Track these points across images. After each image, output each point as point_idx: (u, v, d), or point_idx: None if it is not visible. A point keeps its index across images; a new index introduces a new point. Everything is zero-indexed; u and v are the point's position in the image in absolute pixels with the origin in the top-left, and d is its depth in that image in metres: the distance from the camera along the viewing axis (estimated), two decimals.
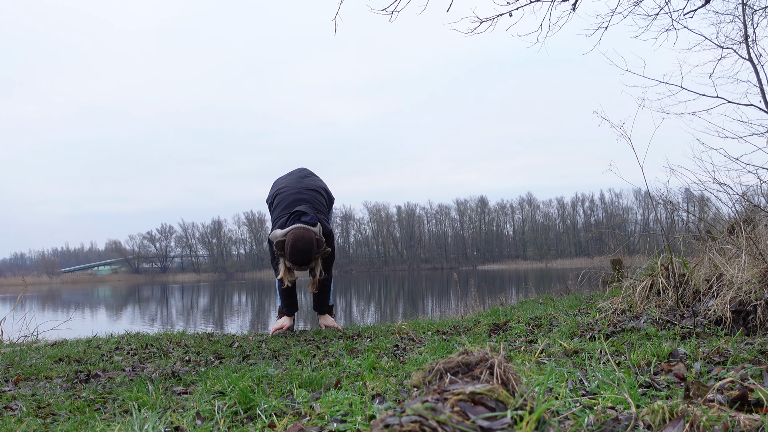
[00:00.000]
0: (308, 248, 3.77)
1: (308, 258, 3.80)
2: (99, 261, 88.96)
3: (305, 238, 3.76)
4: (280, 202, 4.15)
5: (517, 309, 5.07)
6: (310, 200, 4.10)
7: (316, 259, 3.89)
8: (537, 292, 10.44)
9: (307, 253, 3.78)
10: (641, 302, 3.26)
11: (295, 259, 3.79)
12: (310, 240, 3.77)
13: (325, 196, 4.33)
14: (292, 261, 3.80)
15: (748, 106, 6.14)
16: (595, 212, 75.11)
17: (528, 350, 2.49)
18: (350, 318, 15.85)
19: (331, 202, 4.50)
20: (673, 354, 2.06)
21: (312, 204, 4.09)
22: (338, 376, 2.20)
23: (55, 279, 75.54)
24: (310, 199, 4.12)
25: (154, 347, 3.50)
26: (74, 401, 2.15)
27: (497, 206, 79.47)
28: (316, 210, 4.06)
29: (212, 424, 1.65)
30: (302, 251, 3.76)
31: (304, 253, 3.77)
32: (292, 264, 3.83)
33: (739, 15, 6.29)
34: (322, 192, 4.33)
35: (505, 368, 1.24)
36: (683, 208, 6.20)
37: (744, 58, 6.27)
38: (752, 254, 2.91)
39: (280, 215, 4.03)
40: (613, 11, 5.44)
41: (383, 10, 4.65)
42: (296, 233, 3.77)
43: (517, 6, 4.90)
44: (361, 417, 1.51)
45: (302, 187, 4.22)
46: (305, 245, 3.75)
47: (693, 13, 5.71)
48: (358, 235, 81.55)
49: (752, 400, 1.32)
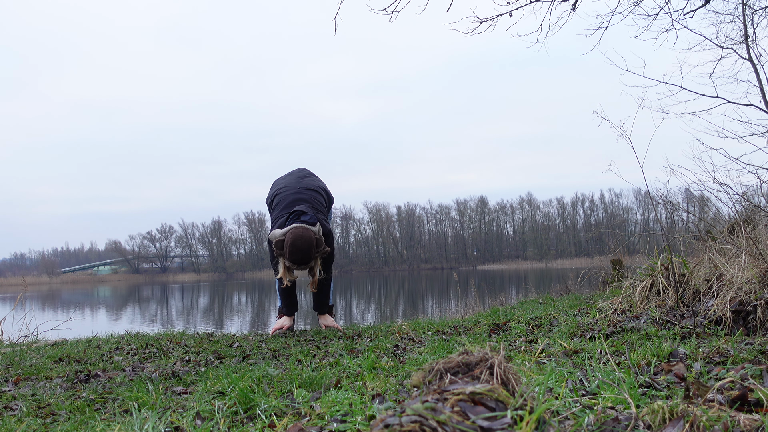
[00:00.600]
0: (307, 247, 3.78)
1: (307, 257, 3.81)
2: (99, 261, 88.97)
3: (304, 237, 3.77)
4: (279, 202, 4.16)
5: (517, 309, 5.07)
6: (309, 200, 4.11)
7: (316, 258, 3.90)
8: (537, 292, 10.44)
9: (306, 252, 3.79)
10: (641, 302, 3.26)
11: (294, 258, 3.79)
12: (309, 239, 3.78)
13: (324, 196, 4.34)
14: (291, 260, 3.81)
15: (748, 106, 6.14)
16: (595, 212, 75.14)
17: (528, 350, 2.49)
18: (350, 318, 15.84)
19: (331, 202, 4.51)
20: (673, 354, 2.06)
21: (311, 204, 4.09)
22: (338, 376, 2.20)
23: (55, 279, 75.52)
24: (310, 199, 4.12)
25: (154, 347, 3.50)
26: (74, 401, 2.16)
27: (497, 206, 79.57)
28: (315, 210, 4.07)
29: (212, 424, 1.65)
30: (301, 250, 3.77)
31: (303, 252, 3.78)
32: (292, 263, 3.84)
33: (739, 15, 6.29)
34: (322, 192, 4.34)
35: (505, 368, 1.24)
36: (683, 208, 6.19)
37: (744, 58, 6.28)
38: (752, 254, 2.91)
39: (279, 215, 4.04)
40: (613, 11, 5.45)
41: (383, 10, 4.65)
42: (295, 232, 3.78)
43: (517, 6, 4.90)
44: (361, 417, 1.51)
45: (301, 187, 4.23)
46: (304, 244, 3.76)
47: (693, 13, 5.71)
48: (358, 235, 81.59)
49: (752, 400, 1.32)
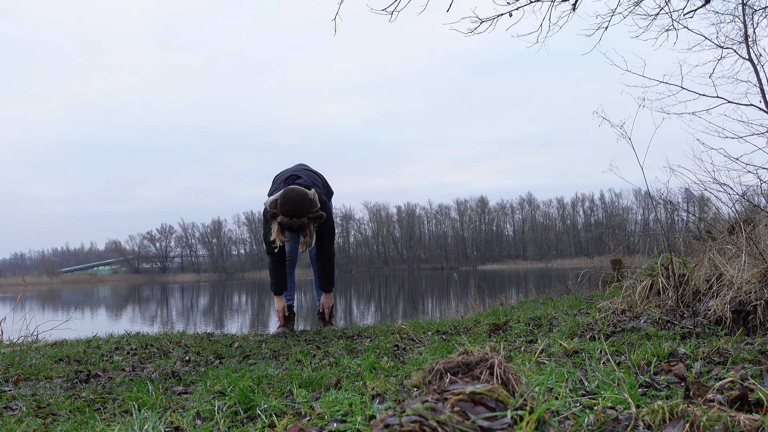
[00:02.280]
0: (300, 199, 3.79)
1: (300, 209, 3.79)
2: (99, 261, 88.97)
3: (296, 190, 3.82)
4: (276, 179, 4.34)
5: (517, 309, 5.07)
6: (306, 177, 4.22)
7: (310, 219, 3.88)
8: (537, 292, 10.45)
9: (299, 203, 3.78)
10: (641, 302, 3.26)
11: (286, 209, 3.77)
12: (302, 192, 3.82)
13: (322, 183, 4.44)
14: (283, 212, 3.78)
15: (748, 106, 6.15)
16: (595, 212, 75.12)
17: (528, 350, 2.49)
18: (350, 318, 15.84)
19: (330, 193, 4.60)
20: (673, 354, 2.06)
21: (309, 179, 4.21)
22: (338, 376, 2.20)
23: (55, 279, 75.51)
24: (307, 177, 4.24)
25: (154, 347, 3.50)
26: (74, 401, 2.16)
27: (497, 206, 79.57)
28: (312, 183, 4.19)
29: (212, 424, 1.65)
30: (293, 200, 3.77)
31: (295, 203, 3.77)
32: (284, 216, 3.79)
33: (739, 15, 6.30)
34: (321, 178, 4.51)
35: (505, 368, 1.24)
36: (683, 208, 6.19)
37: (744, 58, 6.28)
38: (752, 254, 2.91)
39: (276, 188, 4.15)
40: (613, 11, 5.44)
41: (383, 10, 4.65)
42: (288, 188, 3.86)
43: (517, 6, 4.89)
44: (361, 417, 1.51)
45: (299, 168, 4.42)
46: (297, 195, 3.79)
47: (693, 13, 5.71)
48: (358, 235, 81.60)
49: (752, 400, 1.32)
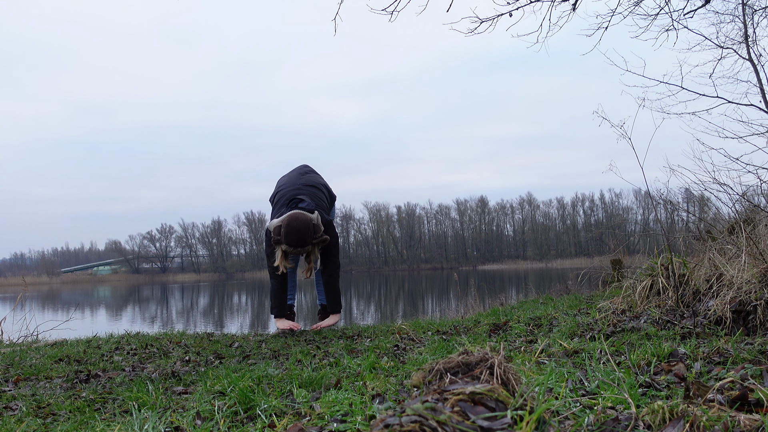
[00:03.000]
0: (304, 227, 3.76)
1: (304, 238, 3.78)
2: (99, 261, 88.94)
3: (300, 218, 3.78)
4: (279, 200, 4.20)
5: (517, 309, 5.07)
6: (309, 196, 4.15)
7: (313, 245, 3.87)
8: (537, 292, 10.44)
9: (303, 232, 3.76)
10: (641, 302, 3.26)
11: (290, 239, 3.76)
12: (306, 220, 3.79)
13: (325, 193, 4.37)
14: (287, 241, 3.77)
15: (748, 106, 6.15)
16: (595, 212, 75.10)
17: (528, 350, 2.49)
18: (350, 318, 15.84)
19: (333, 199, 4.54)
20: (673, 354, 2.06)
21: (311, 199, 4.13)
22: (338, 376, 2.20)
23: (55, 279, 75.49)
24: (310, 195, 4.16)
25: (154, 347, 3.50)
26: (74, 401, 2.15)
27: (497, 206, 79.54)
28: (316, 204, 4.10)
29: (212, 424, 1.65)
30: (297, 230, 3.75)
31: (299, 232, 3.75)
32: (288, 245, 3.78)
33: (739, 15, 6.30)
34: (323, 189, 4.38)
35: (505, 368, 1.24)
36: (683, 208, 6.19)
37: (744, 58, 6.28)
38: (752, 254, 2.91)
39: (278, 210, 4.08)
40: (613, 11, 5.44)
41: (383, 10, 4.64)
42: (292, 215, 3.81)
43: (517, 6, 4.89)
44: (361, 417, 1.51)
45: (302, 184, 4.28)
46: (300, 224, 3.76)
47: (693, 13, 5.71)
48: (358, 235, 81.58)
49: (752, 400, 1.32)
